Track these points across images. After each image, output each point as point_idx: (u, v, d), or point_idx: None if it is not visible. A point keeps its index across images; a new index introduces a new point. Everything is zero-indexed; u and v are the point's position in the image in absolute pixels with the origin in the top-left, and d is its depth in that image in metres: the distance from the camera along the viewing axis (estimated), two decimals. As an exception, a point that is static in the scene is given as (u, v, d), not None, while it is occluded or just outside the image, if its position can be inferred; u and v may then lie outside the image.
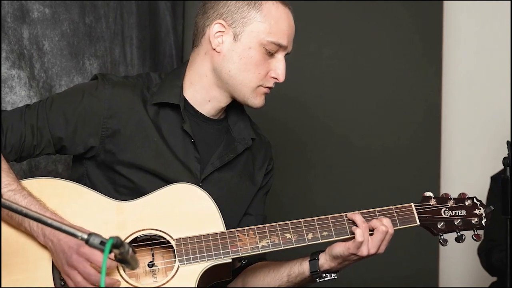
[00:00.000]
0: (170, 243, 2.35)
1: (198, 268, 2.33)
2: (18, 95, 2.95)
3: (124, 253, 1.90)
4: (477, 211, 2.48)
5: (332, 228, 2.42)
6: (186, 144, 2.53)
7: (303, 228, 2.41)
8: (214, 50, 2.50)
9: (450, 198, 2.49)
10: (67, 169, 3.02)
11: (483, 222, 2.48)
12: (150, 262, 2.38)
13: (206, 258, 2.34)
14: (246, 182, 2.64)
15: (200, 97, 2.56)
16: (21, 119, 2.43)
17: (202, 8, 2.55)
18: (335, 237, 2.41)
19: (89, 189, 2.41)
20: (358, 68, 4.02)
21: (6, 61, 2.94)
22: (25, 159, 2.48)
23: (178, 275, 2.31)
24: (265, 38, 2.46)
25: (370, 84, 4.03)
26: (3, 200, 1.92)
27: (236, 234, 2.38)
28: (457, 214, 2.47)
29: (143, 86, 2.54)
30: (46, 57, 3.04)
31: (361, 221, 2.40)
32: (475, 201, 2.50)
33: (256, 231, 2.39)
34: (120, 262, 1.99)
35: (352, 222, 2.42)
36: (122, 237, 1.91)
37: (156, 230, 2.36)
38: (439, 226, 2.46)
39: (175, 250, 2.34)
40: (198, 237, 2.36)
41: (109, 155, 2.47)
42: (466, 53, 4.26)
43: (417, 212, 2.46)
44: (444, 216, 2.47)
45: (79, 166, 2.53)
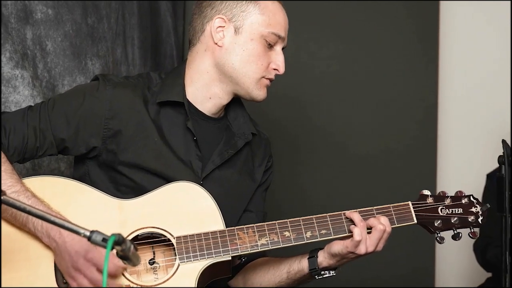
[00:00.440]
0: (171, 241, 2.36)
1: (198, 265, 2.34)
2: (22, 95, 2.95)
3: (126, 249, 1.92)
4: (473, 209, 2.49)
5: (330, 226, 2.43)
6: (187, 142, 2.54)
7: (302, 226, 2.42)
8: (216, 44, 2.52)
9: (447, 196, 2.50)
10: (70, 167, 3.03)
11: (480, 220, 2.48)
12: (151, 259, 2.39)
13: (206, 256, 2.35)
14: (246, 179, 2.65)
15: (201, 95, 2.57)
16: (23, 121, 2.43)
17: (197, 8, 2.58)
18: (334, 235, 2.43)
19: (90, 187, 2.42)
20: (355, 67, 4.03)
21: (10, 61, 2.94)
22: (28, 160, 2.48)
23: (178, 273, 2.33)
24: (265, 30, 2.51)
25: (367, 83, 4.04)
26: (7, 198, 1.93)
27: (235, 232, 2.39)
28: (454, 212, 2.48)
29: (144, 86, 2.56)
30: (49, 57, 3.04)
31: (359, 219, 2.41)
32: (472, 199, 2.50)
33: (255, 229, 2.40)
34: (122, 259, 1.99)
35: (350, 221, 2.43)
36: (123, 234, 1.91)
37: (157, 228, 2.37)
38: (436, 224, 2.47)
39: (176, 248, 2.35)
40: (198, 235, 2.37)
41: (110, 155, 2.48)
42: (462, 52, 4.27)
43: (414, 210, 2.47)
44: (441, 214, 2.48)
45: (81, 165, 2.54)
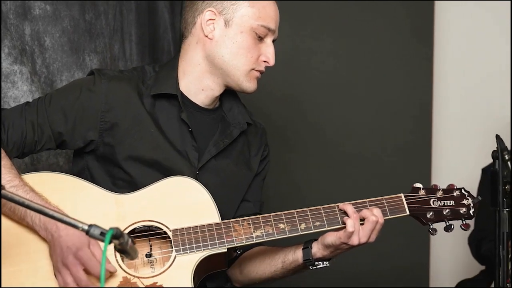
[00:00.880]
0: (167, 234, 2.39)
1: (194, 257, 2.36)
2: (20, 90, 2.97)
3: (123, 243, 1.94)
4: (465, 201, 2.51)
5: (324, 218, 2.45)
6: (183, 133, 2.56)
7: (296, 218, 2.45)
8: (206, 37, 2.55)
9: (439, 189, 2.52)
10: (68, 162, 3.05)
11: (471, 212, 2.50)
12: (148, 252, 2.41)
13: (202, 248, 2.37)
14: (243, 169, 2.67)
15: (193, 87, 2.60)
16: (21, 116, 2.46)
17: (189, 1, 2.61)
18: (328, 227, 2.45)
19: (88, 182, 2.45)
20: (350, 65, 4.06)
21: (9, 56, 2.96)
22: (27, 155, 2.51)
23: (175, 265, 2.35)
24: (255, 22, 2.53)
25: (362, 80, 4.07)
26: (6, 192, 1.95)
27: (231, 225, 2.41)
28: (445, 204, 2.50)
29: (138, 79, 2.58)
30: (47, 53, 3.06)
31: (352, 211, 2.44)
32: (463, 191, 2.53)
33: (250, 222, 2.43)
34: (119, 252, 2.01)
35: (343, 213, 2.46)
36: (121, 228, 1.93)
37: (153, 221, 2.40)
38: (428, 216, 2.49)
39: (172, 241, 2.37)
40: (194, 227, 2.39)
41: (108, 148, 2.51)
42: (456, 51, 4.30)
43: (406, 202, 2.49)
44: (433, 206, 2.50)
45: (80, 160, 2.57)
